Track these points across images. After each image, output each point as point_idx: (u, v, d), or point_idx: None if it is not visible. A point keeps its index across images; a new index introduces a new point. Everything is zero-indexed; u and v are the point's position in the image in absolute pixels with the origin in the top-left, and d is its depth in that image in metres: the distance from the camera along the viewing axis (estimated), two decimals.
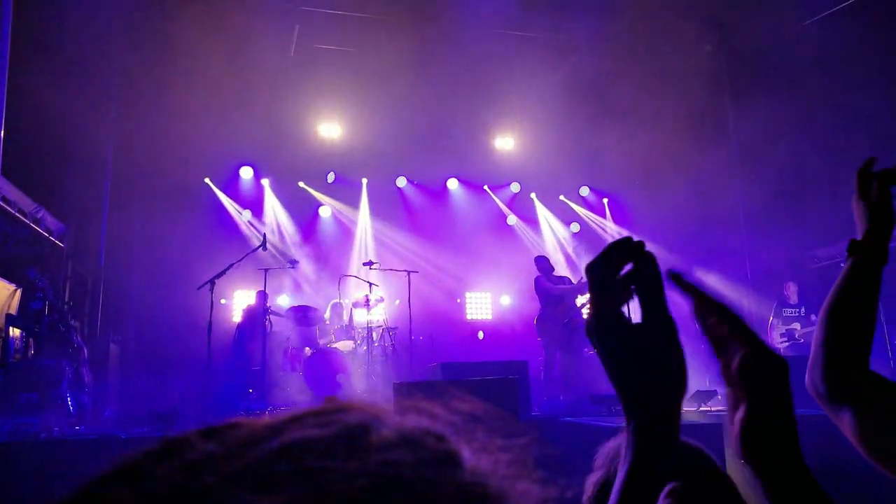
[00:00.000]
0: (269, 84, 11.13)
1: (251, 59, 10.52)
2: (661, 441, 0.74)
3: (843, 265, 1.36)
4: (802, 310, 9.45)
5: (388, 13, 10.41)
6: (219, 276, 7.54)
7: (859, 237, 1.31)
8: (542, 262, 9.65)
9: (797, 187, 9.97)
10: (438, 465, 0.43)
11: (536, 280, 9.44)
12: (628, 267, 0.77)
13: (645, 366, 0.75)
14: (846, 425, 1.21)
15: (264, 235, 8.39)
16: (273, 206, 12.27)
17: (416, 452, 0.43)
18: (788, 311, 9.54)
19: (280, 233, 12.13)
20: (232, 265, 7.90)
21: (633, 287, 0.77)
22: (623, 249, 0.77)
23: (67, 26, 8.97)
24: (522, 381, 6.30)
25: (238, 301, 11.23)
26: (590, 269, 0.77)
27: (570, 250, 13.38)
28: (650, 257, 0.77)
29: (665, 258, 0.76)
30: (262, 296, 9.48)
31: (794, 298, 9.58)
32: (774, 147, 10.23)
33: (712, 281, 11.75)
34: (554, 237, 13.52)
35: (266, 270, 9.54)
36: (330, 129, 12.23)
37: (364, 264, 9.93)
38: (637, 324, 0.76)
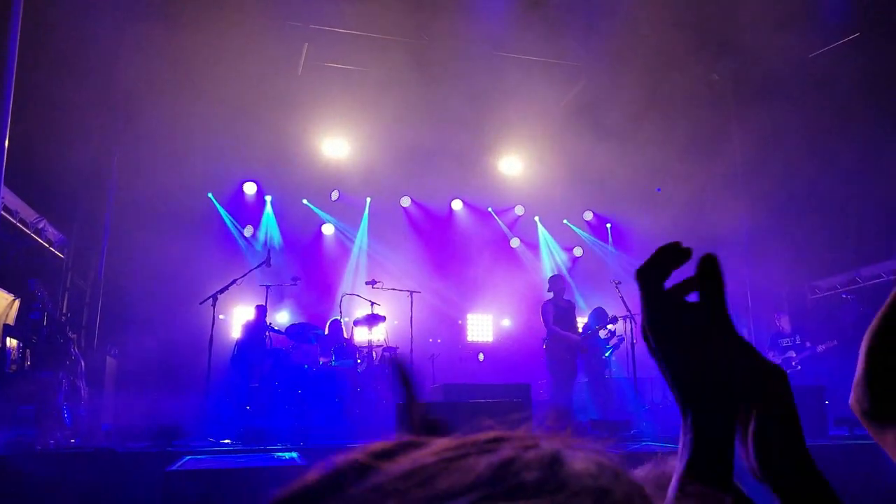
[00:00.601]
0: (276, 101, 11.13)
1: (259, 75, 10.56)
2: (721, 435, 0.74)
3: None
4: (797, 338, 9.46)
5: (396, 33, 10.45)
6: (222, 291, 7.48)
7: None
8: (555, 283, 9.24)
9: (800, 217, 9.98)
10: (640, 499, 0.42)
11: (544, 306, 9.18)
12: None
13: (704, 362, 0.75)
14: (891, 445, 1.16)
15: (269, 251, 8.36)
16: (270, 223, 12.21)
17: (616, 484, 0.42)
18: (784, 341, 9.55)
19: (278, 250, 12.07)
20: (235, 281, 7.85)
21: (683, 288, 0.77)
22: (673, 253, 0.77)
23: (75, 38, 8.97)
24: (525, 405, 6.23)
25: (237, 317, 11.15)
26: (641, 273, 0.77)
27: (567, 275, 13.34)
28: (711, 257, 0.77)
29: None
30: (261, 310, 9.42)
31: (786, 328, 9.60)
32: (779, 177, 10.24)
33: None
34: (553, 261, 13.48)
35: (267, 287, 9.50)
36: (335, 147, 12.24)
37: (367, 283, 9.87)
38: (695, 321, 0.76)
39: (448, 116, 11.52)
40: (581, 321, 10.00)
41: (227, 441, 7.06)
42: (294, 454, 5.37)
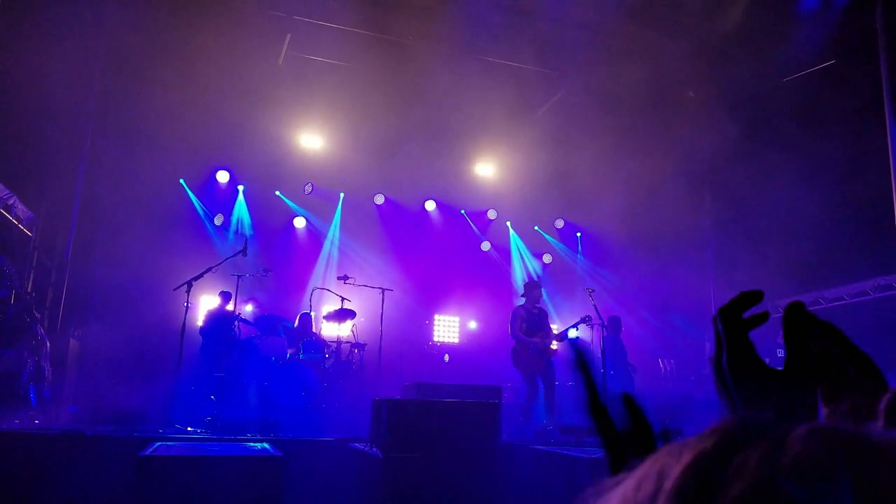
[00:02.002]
0: (254, 89, 11.07)
1: (239, 63, 10.48)
2: None
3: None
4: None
5: (378, 30, 10.48)
6: (197, 278, 7.42)
7: None
8: (530, 290, 9.18)
9: (770, 234, 10.21)
10: None
11: (514, 311, 9.15)
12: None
13: (780, 406, 0.76)
14: None
15: (245, 240, 8.31)
16: (241, 212, 12.11)
17: None
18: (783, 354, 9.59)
19: (248, 239, 11.97)
20: (211, 268, 7.80)
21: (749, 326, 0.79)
22: (752, 298, 0.79)
23: (52, 18, 8.83)
24: (498, 406, 6.29)
25: (203, 306, 11.04)
26: (723, 314, 0.80)
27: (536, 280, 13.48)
28: (798, 305, 0.79)
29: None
30: (226, 297, 9.36)
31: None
32: (747, 196, 10.49)
33: (676, 322, 11.97)
34: (523, 266, 13.60)
35: (238, 277, 9.44)
36: (311, 140, 12.20)
37: (339, 278, 9.87)
38: (771, 367, 0.78)
39: (426, 116, 11.58)
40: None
41: (192, 429, 7.01)
42: (266, 444, 5.37)
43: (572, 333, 9.03)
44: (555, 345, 8.85)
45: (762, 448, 0.39)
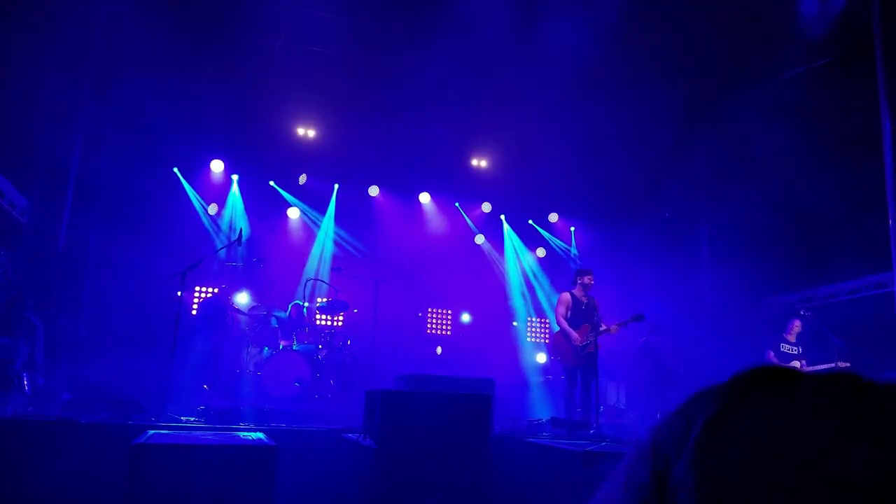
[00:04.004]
0: (250, 77, 11.02)
1: (236, 48, 10.41)
2: None
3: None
4: (800, 349, 8.93)
5: (379, 20, 10.43)
6: (191, 268, 7.40)
7: None
8: (577, 276, 8.76)
9: (761, 230, 10.25)
10: None
11: (560, 295, 8.79)
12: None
13: None
14: None
15: (240, 230, 8.28)
16: (235, 203, 12.08)
17: None
18: (791, 349, 8.97)
19: (242, 229, 11.94)
20: (205, 258, 7.78)
21: None
22: None
23: (45, 1, 8.78)
24: (492, 398, 6.31)
25: (197, 295, 11.04)
26: None
27: (530, 275, 13.52)
28: None
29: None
30: (223, 290, 9.37)
31: (792, 336, 8.99)
32: (743, 192, 10.52)
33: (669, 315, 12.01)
34: (517, 260, 13.62)
35: (231, 267, 9.44)
36: (306, 131, 12.17)
37: (332, 269, 9.87)
38: None
39: (422, 108, 11.56)
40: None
41: (186, 418, 7.01)
42: (261, 434, 5.37)
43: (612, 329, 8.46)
44: (613, 329, 8.28)
45: (776, 392, 0.44)
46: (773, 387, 0.45)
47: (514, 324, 12.96)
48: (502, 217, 13.66)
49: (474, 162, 13.20)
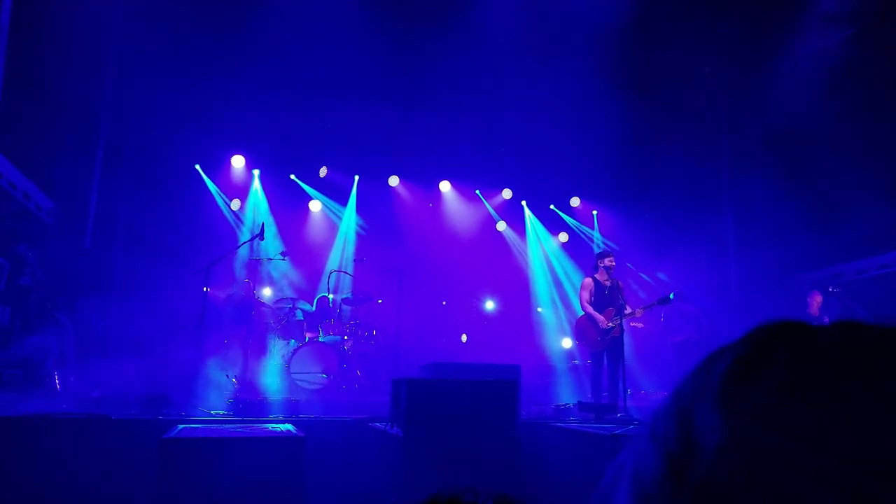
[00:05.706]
0: (266, 72, 11.03)
1: (254, 43, 10.42)
2: None
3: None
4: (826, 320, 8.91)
5: (397, 9, 10.38)
6: (214, 262, 7.46)
7: None
8: (597, 260, 8.78)
9: (786, 211, 10.12)
10: None
11: (583, 280, 8.79)
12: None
13: None
14: None
15: (262, 224, 8.32)
16: (257, 198, 12.14)
17: None
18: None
19: (264, 223, 12.02)
20: (228, 253, 7.83)
21: None
22: None
23: (66, 5, 8.85)
24: (517, 385, 6.30)
25: (222, 290, 11.11)
26: None
27: (553, 260, 13.46)
28: None
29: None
30: (249, 285, 9.42)
31: (814, 310, 8.88)
32: (768, 170, 10.38)
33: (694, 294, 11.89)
34: (539, 245, 13.56)
35: (256, 261, 9.50)
36: (324, 122, 12.16)
37: (356, 260, 9.89)
38: None
39: (440, 95, 11.51)
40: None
41: (215, 412, 7.09)
42: (290, 426, 5.41)
43: (637, 313, 8.40)
44: (638, 312, 8.28)
45: (794, 340, 0.45)
46: (794, 334, 0.46)
47: (539, 310, 12.90)
48: (523, 203, 13.60)
49: (494, 148, 13.12)
